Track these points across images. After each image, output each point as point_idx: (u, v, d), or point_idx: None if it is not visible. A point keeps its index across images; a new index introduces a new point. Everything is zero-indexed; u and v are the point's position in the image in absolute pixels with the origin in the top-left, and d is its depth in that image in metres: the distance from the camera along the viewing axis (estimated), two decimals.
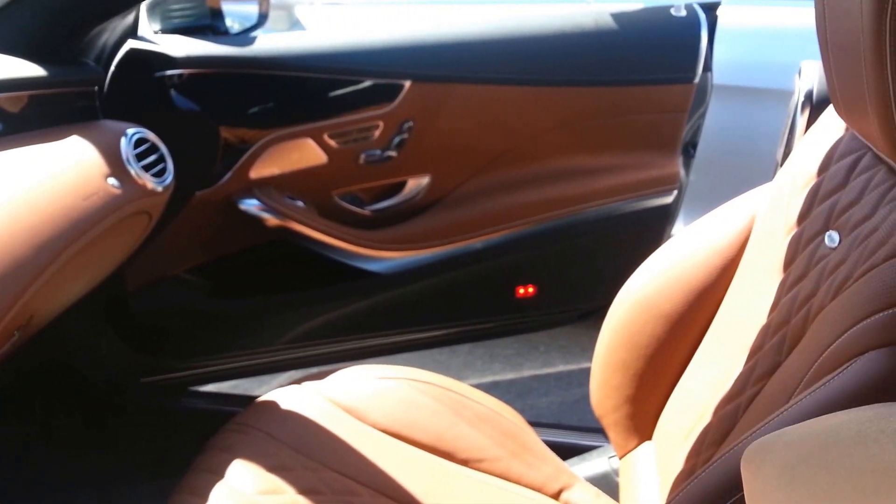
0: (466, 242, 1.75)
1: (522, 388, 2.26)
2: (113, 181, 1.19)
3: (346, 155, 1.64)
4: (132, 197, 1.23)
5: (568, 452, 1.38)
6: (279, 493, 1.06)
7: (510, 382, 2.29)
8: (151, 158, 1.30)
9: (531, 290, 1.84)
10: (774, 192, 1.01)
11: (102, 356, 1.67)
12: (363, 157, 1.65)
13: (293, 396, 1.23)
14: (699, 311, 1.06)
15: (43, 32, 1.25)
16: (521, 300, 1.85)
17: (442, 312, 1.83)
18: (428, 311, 1.81)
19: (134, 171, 1.25)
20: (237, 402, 1.80)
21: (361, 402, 1.22)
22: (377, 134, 1.63)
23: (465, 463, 1.18)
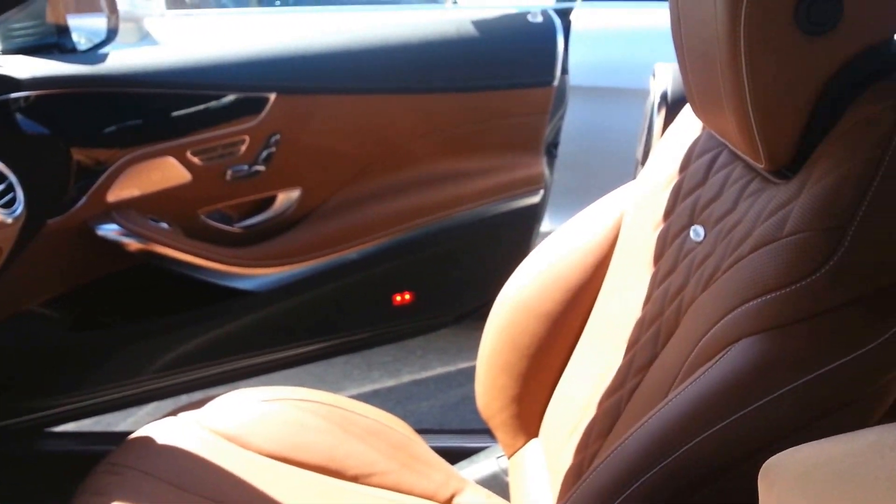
0: (341, 254, 1.74)
1: (402, 394, 2.26)
2: None
3: (211, 172, 1.59)
4: None
5: (456, 456, 1.39)
6: None
7: (390, 390, 2.28)
8: None
9: (408, 296, 1.85)
10: (640, 190, 1.06)
11: None
12: (230, 173, 1.60)
13: (170, 430, 1.17)
14: (577, 308, 1.09)
15: None
16: (398, 307, 1.85)
17: (320, 326, 1.81)
18: (305, 326, 1.79)
19: None
20: (104, 440, 1.69)
21: (244, 428, 1.18)
22: (244, 149, 1.59)
23: (355, 479, 1.17)
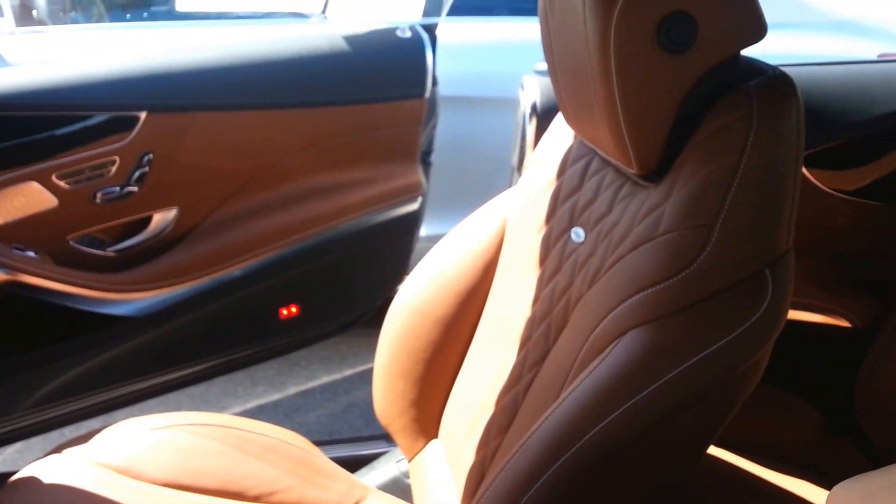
0: (224, 272, 1.72)
1: (289, 406, 2.25)
2: None
3: (79, 195, 1.53)
4: None
5: (356, 465, 1.41)
6: None
7: (276, 404, 2.27)
8: None
9: (294, 309, 1.85)
10: (520, 196, 1.12)
11: None
12: (100, 195, 1.56)
13: (55, 468, 1.12)
14: (469, 311, 1.14)
15: None
16: (284, 321, 1.85)
17: (204, 347, 1.78)
18: (189, 347, 1.75)
19: None
20: None
21: (136, 460, 1.14)
22: (114, 170, 1.55)
23: (257, 499, 1.16)
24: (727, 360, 0.79)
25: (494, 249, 1.14)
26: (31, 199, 1.49)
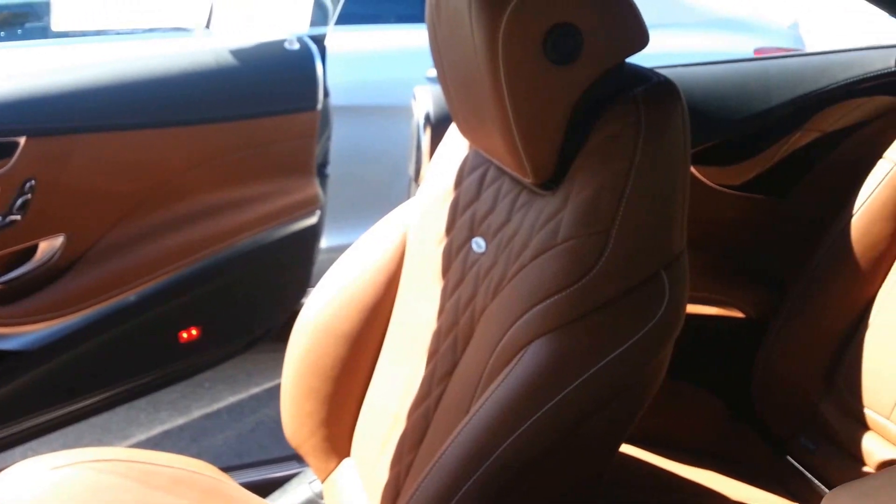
0: (118, 298, 1.65)
1: (195, 430, 2.19)
2: None
3: None
4: None
5: (267, 489, 1.38)
6: None
7: (181, 428, 2.20)
8: None
9: (195, 332, 1.80)
10: (419, 207, 1.12)
11: None
12: None
13: None
14: (375, 326, 1.13)
15: None
16: (185, 345, 1.79)
17: (102, 377, 1.71)
18: (88, 378, 1.68)
19: None
20: None
21: (37, 502, 1.07)
22: None
23: None
24: (632, 361, 0.81)
25: (396, 262, 1.13)
26: None
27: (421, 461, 0.97)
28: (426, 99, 1.49)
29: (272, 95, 1.75)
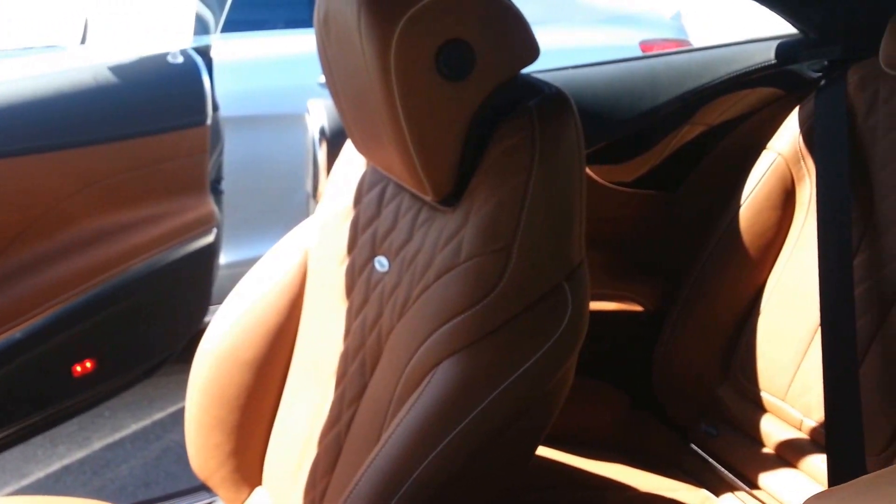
0: (4, 336, 1.55)
1: (97, 463, 2.10)
2: None
3: None
4: None
5: None
6: None
7: (81, 462, 2.10)
8: None
9: (90, 364, 1.71)
10: (320, 225, 1.10)
11: None
12: None
13: None
14: (280, 350, 1.11)
15: None
16: (80, 378, 1.71)
17: None
18: None
19: None
20: None
21: None
22: None
23: None
24: (540, 373, 0.81)
25: (298, 284, 1.11)
26: None
27: (335, 487, 0.95)
28: (320, 113, 1.46)
29: (158, 112, 1.68)
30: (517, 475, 0.90)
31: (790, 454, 1.39)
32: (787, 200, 1.44)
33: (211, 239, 1.84)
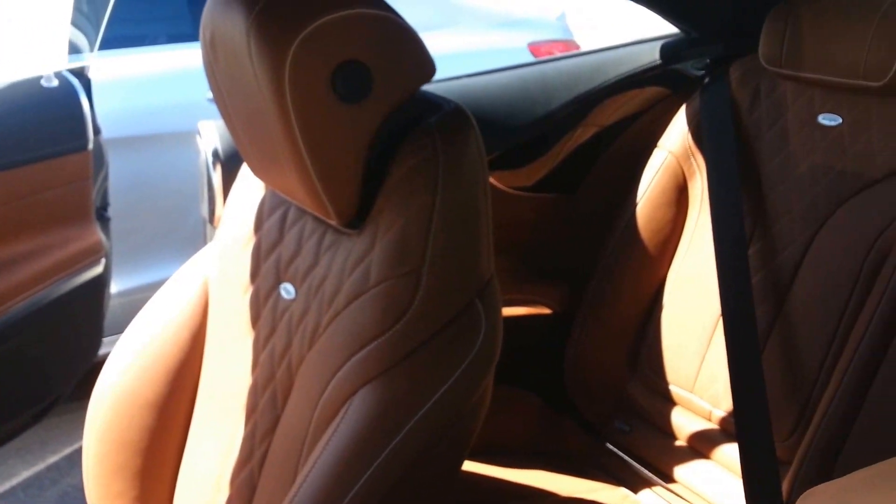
0: None
1: None
2: None
3: None
4: None
5: None
6: None
7: None
8: None
9: None
10: (219, 253, 1.05)
11: None
12: None
13: None
14: (183, 388, 1.05)
15: None
16: None
17: None
18: None
19: None
20: None
21: None
22: None
23: None
24: (460, 394, 0.80)
25: (200, 316, 1.05)
26: None
27: None
28: (212, 134, 1.39)
29: (34, 140, 1.58)
30: (443, 497, 0.88)
31: (702, 445, 1.42)
32: (680, 196, 1.48)
33: (99, 270, 1.75)
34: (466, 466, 1.38)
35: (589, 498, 1.36)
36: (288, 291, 0.93)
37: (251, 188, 1.03)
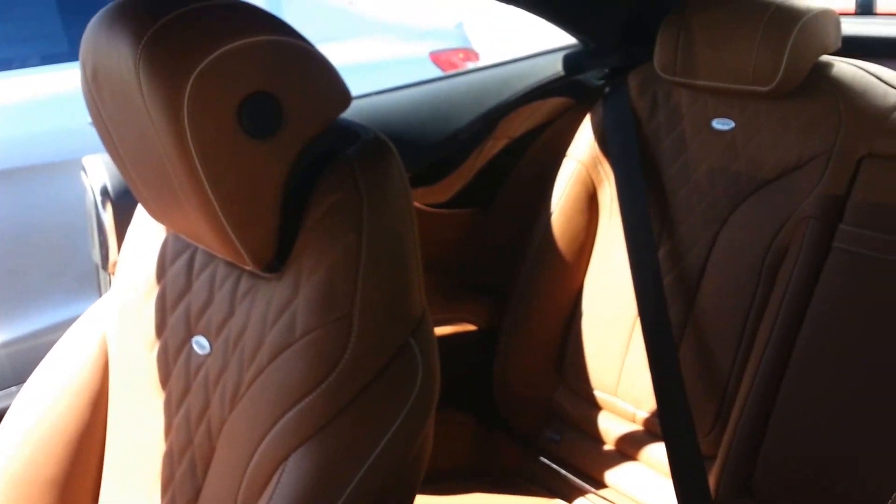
0: None
1: None
2: None
3: None
4: None
5: None
6: None
7: None
8: None
9: None
10: (117, 305, 0.95)
11: None
12: None
13: None
14: (87, 461, 0.94)
15: None
16: None
17: None
18: None
19: None
20: None
21: None
22: None
23: None
24: (402, 442, 0.75)
25: (99, 378, 0.94)
26: None
27: None
28: (99, 170, 1.26)
29: None
30: None
31: (630, 448, 1.43)
32: (591, 204, 1.49)
33: None
34: None
35: None
36: (201, 346, 0.85)
37: (150, 230, 0.93)
